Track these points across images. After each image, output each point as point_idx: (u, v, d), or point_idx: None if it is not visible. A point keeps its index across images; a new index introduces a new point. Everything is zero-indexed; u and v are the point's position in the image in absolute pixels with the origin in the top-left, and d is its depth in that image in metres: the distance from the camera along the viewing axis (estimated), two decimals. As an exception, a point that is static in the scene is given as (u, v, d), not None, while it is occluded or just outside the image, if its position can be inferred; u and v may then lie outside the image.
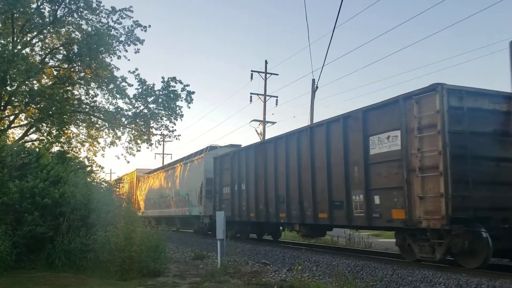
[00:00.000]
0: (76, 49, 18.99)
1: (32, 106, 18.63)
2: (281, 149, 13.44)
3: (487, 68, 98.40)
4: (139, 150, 21.51)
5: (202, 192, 18.74)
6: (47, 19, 18.12)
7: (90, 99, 20.59)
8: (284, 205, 12.98)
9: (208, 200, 18.45)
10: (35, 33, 18.85)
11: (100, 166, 23.90)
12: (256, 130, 28.55)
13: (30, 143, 19.50)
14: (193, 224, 21.64)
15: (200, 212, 18.85)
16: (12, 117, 20.17)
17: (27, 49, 18.78)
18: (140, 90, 19.91)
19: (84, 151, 21.95)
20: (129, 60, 36.17)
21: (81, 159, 19.69)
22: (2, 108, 18.19)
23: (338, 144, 10.73)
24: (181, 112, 20.40)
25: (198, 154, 20.96)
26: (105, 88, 20.00)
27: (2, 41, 16.69)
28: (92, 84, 20.26)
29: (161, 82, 19.96)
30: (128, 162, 23.66)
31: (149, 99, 20.12)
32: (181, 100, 20.19)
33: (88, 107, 20.55)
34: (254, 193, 14.77)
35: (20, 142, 18.12)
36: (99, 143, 22.06)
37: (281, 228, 16.26)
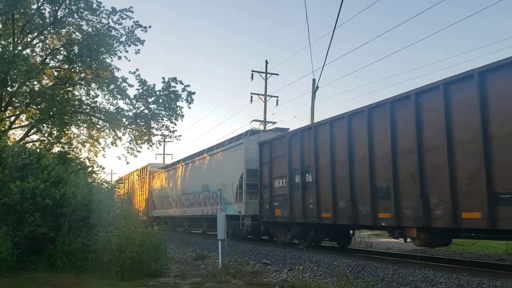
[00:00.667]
0: (76, 50, 19.02)
1: (33, 106, 18.66)
2: (380, 122, 9.73)
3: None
4: (139, 151, 21.57)
5: (242, 187, 15.48)
6: (48, 20, 18.14)
7: (90, 99, 20.66)
8: (388, 202, 9.34)
9: (250, 196, 15.29)
10: (36, 34, 18.87)
11: (101, 166, 23.98)
12: (257, 130, 28.53)
13: (31, 143, 19.54)
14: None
15: (239, 211, 15.58)
16: (13, 118, 20.22)
17: (28, 50, 18.83)
18: (140, 91, 19.95)
19: (85, 151, 22.02)
20: (129, 60, 36.00)
21: (82, 159, 19.75)
22: (3, 109, 18.21)
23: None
24: (182, 112, 20.42)
25: (234, 140, 17.50)
26: (105, 89, 20.04)
27: (3, 42, 16.71)
28: (93, 85, 20.31)
29: (162, 82, 20.00)
30: (128, 163, 23.45)
31: (150, 100, 20.15)
32: (182, 101, 20.23)
33: (88, 107, 20.59)
34: (330, 186, 11.17)
35: (21, 143, 18.12)
36: (100, 143, 22.12)
37: (351, 232, 13.35)
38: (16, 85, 17.22)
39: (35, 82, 18.74)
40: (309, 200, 12.10)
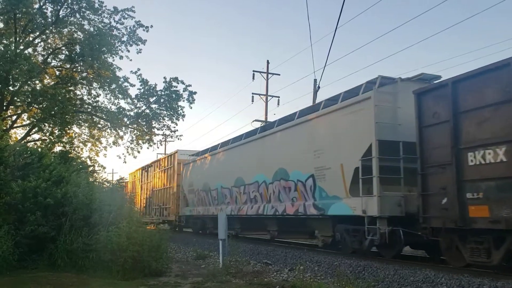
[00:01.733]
0: (78, 49, 19.10)
1: (35, 106, 18.72)
2: None
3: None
4: (139, 151, 21.67)
5: (372, 170, 9.51)
6: (50, 19, 18.21)
7: (92, 99, 20.76)
8: None
9: (386, 186, 9.55)
10: (38, 33, 18.94)
11: (102, 166, 24.05)
12: (258, 130, 28.36)
13: (32, 143, 19.63)
14: (316, 228, 12.37)
15: (363, 209, 9.72)
16: (14, 117, 20.29)
17: (30, 49, 18.94)
18: (142, 90, 20.04)
19: (86, 151, 22.11)
20: (131, 60, 36.32)
21: (83, 159, 19.83)
22: (4, 108, 18.28)
23: None
24: (183, 112, 20.52)
25: (341, 99, 11.08)
26: (107, 88, 20.12)
27: (5, 41, 16.77)
28: (94, 84, 20.40)
29: (163, 82, 20.12)
30: (125, 162, 23.33)
31: (151, 99, 20.24)
32: (183, 100, 20.33)
33: (90, 107, 20.67)
34: None
35: (23, 142, 18.19)
36: (101, 143, 22.21)
37: None
38: (18, 84, 17.30)
39: (37, 82, 18.86)
40: None
